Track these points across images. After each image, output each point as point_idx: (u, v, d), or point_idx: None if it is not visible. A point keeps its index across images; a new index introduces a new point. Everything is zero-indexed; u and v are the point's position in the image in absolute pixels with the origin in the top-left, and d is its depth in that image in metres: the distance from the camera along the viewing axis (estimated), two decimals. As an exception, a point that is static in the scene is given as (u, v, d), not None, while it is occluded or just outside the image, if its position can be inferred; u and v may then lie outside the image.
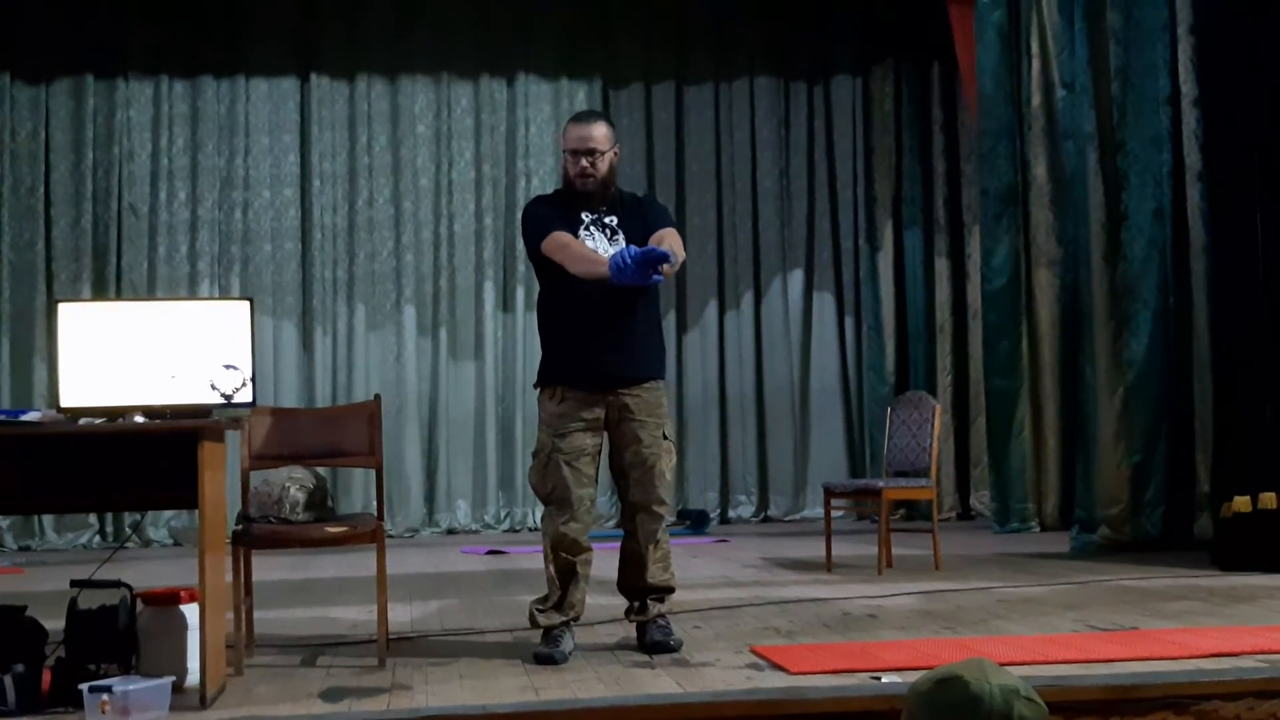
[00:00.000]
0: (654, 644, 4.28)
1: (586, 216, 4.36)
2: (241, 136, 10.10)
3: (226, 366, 3.89)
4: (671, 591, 4.45)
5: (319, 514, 4.40)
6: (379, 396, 4.76)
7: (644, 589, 4.39)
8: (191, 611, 3.79)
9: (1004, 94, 8.80)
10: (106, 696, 3.37)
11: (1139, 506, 7.30)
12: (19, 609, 3.76)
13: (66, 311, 3.98)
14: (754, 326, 10.65)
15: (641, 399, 4.32)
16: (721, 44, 10.69)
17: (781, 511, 10.47)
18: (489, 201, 10.33)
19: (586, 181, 4.35)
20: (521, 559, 7.64)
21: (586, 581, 4.35)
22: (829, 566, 6.72)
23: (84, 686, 3.43)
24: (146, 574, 6.22)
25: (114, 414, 3.81)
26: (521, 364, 10.08)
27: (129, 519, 9.33)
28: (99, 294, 9.61)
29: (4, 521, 9.30)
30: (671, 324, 10.44)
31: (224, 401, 3.87)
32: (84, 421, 3.79)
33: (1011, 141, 8.81)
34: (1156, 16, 7.34)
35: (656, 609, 4.38)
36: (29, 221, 9.75)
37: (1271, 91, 6.38)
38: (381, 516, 4.52)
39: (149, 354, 3.91)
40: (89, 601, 3.81)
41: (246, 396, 3.92)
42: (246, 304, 4.08)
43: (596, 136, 4.36)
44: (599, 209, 4.39)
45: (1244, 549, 6.22)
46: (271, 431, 4.56)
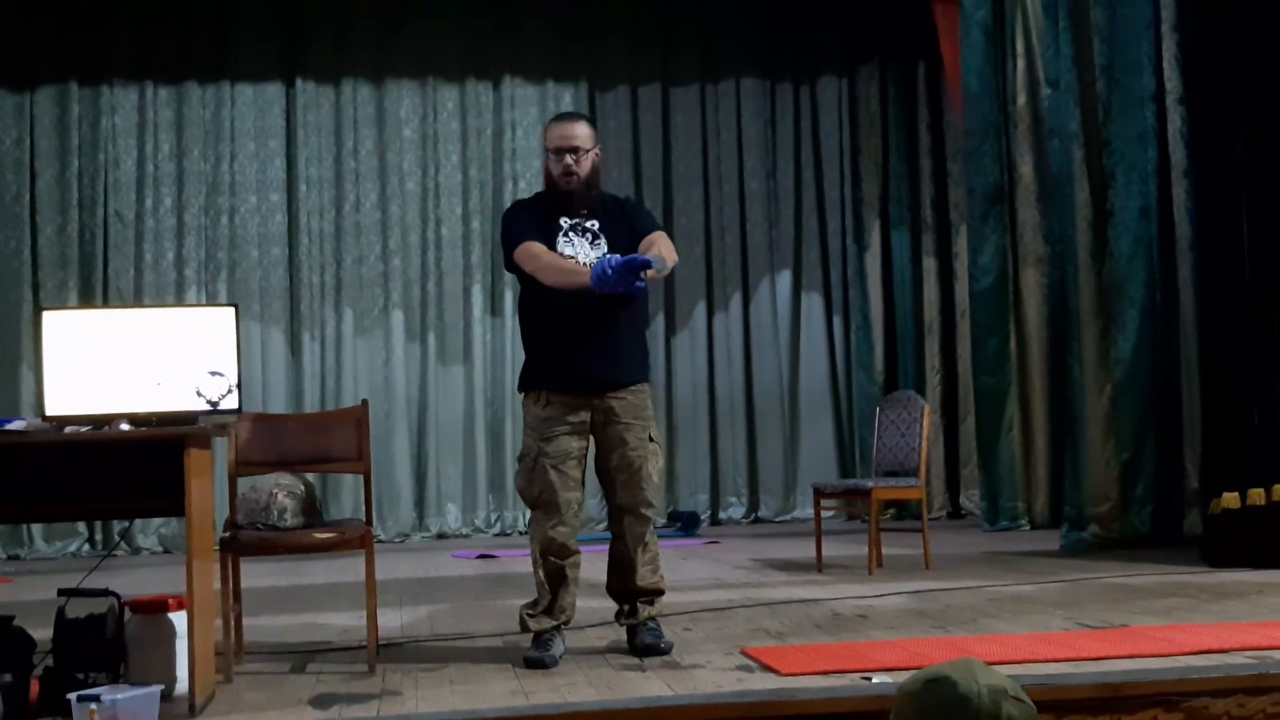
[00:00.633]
0: (644, 647, 4.27)
1: (565, 222, 4.34)
2: (227, 142, 10.07)
3: (212, 373, 3.88)
4: (661, 594, 4.44)
5: (307, 520, 4.38)
6: (366, 401, 4.75)
7: (633, 592, 4.39)
8: (180, 619, 3.78)
9: (989, 93, 8.81)
10: (95, 705, 3.36)
11: (1128, 504, 7.31)
12: (7, 618, 3.74)
13: (50, 319, 3.96)
14: (742, 328, 10.65)
15: (627, 402, 4.31)
16: (707, 45, 10.69)
17: (772, 512, 10.47)
18: (476, 205, 10.32)
19: (570, 180, 4.32)
20: (512, 563, 7.63)
21: (576, 585, 4.34)
22: (819, 567, 6.72)
23: (72, 696, 3.42)
24: (135, 582, 6.22)
25: (99, 422, 3.80)
26: (510, 367, 10.07)
27: (118, 527, 9.30)
28: (86, 301, 9.58)
29: (-8, 531, 9.27)
30: (660, 326, 10.44)
31: (210, 408, 3.86)
32: (69, 430, 3.78)
33: (997, 140, 8.83)
34: (1140, 14, 7.35)
35: (646, 612, 4.38)
36: (14, 229, 9.72)
37: (1256, 88, 6.39)
38: (370, 522, 4.51)
39: (134, 361, 3.89)
40: (77, 610, 3.80)
41: (232, 403, 3.91)
42: (231, 310, 4.06)
43: (579, 135, 4.34)
44: (579, 213, 4.36)
45: (1233, 545, 6.23)
46: (258, 437, 4.55)
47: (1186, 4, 7.02)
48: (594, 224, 4.36)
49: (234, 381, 3.91)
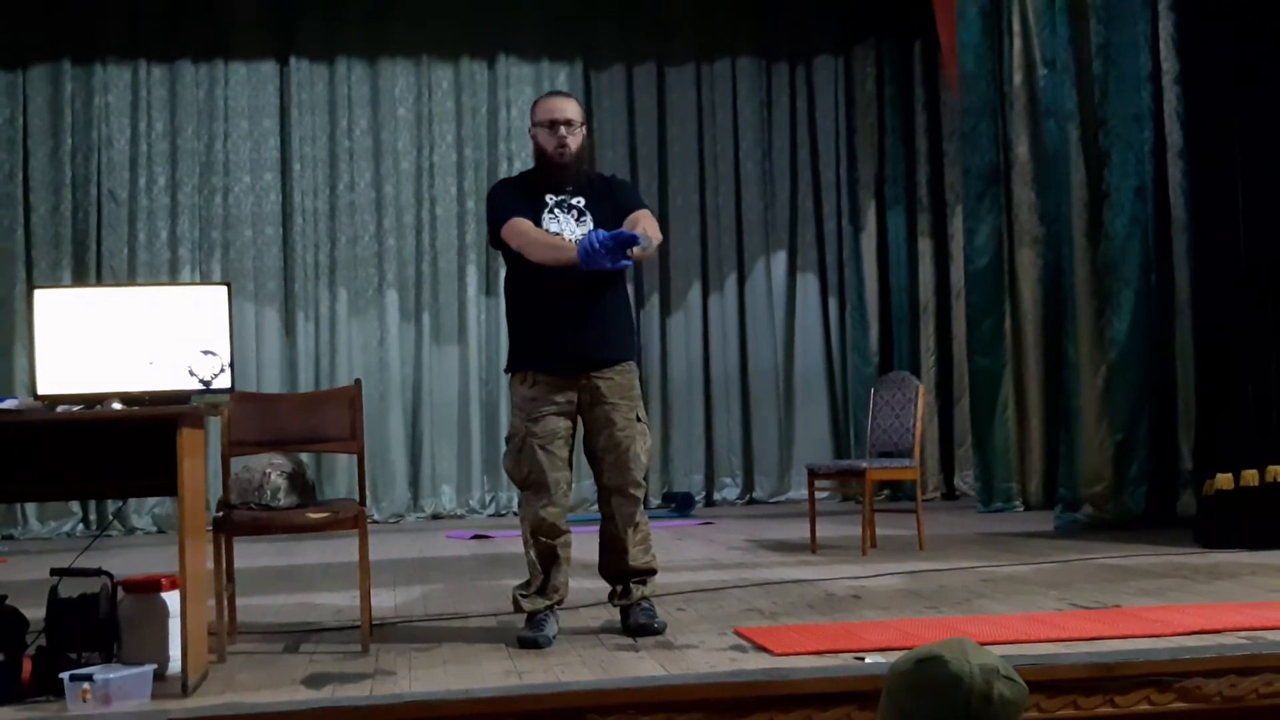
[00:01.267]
0: (638, 627, 4.27)
1: (551, 198, 4.33)
2: (221, 121, 10.03)
3: (205, 352, 3.86)
4: (653, 573, 4.44)
5: (301, 500, 4.38)
6: (359, 381, 4.74)
7: (626, 572, 4.38)
8: (173, 599, 3.77)
9: (986, 72, 8.79)
10: (87, 685, 3.36)
11: (1122, 485, 7.32)
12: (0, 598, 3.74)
13: (42, 298, 3.94)
14: (737, 308, 10.63)
15: (614, 382, 4.31)
16: (702, 25, 10.65)
17: (766, 493, 10.48)
18: (471, 184, 10.29)
19: (563, 153, 4.32)
20: (506, 543, 7.62)
21: (569, 564, 4.34)
22: (813, 548, 6.72)
23: (65, 675, 3.42)
24: (129, 561, 6.21)
25: (92, 401, 3.78)
26: (505, 347, 9.98)
27: (112, 507, 9.30)
28: (79, 280, 9.56)
29: (-14, 510, 9.26)
30: (655, 306, 10.44)
31: (203, 387, 3.85)
32: (62, 409, 3.76)
33: (993, 120, 8.81)
34: (1137, -7, 7.34)
35: (640, 592, 4.37)
36: (8, 208, 9.69)
37: (1252, 68, 6.37)
38: (363, 502, 4.50)
39: (127, 340, 3.88)
40: (70, 590, 3.79)
41: (225, 382, 3.90)
42: (224, 289, 4.05)
43: (570, 109, 4.36)
44: (565, 189, 4.36)
45: (1226, 526, 6.24)
46: (251, 417, 4.54)
47: (1183, -16, 7.01)
48: (579, 200, 4.35)
49: (226, 361, 3.90)
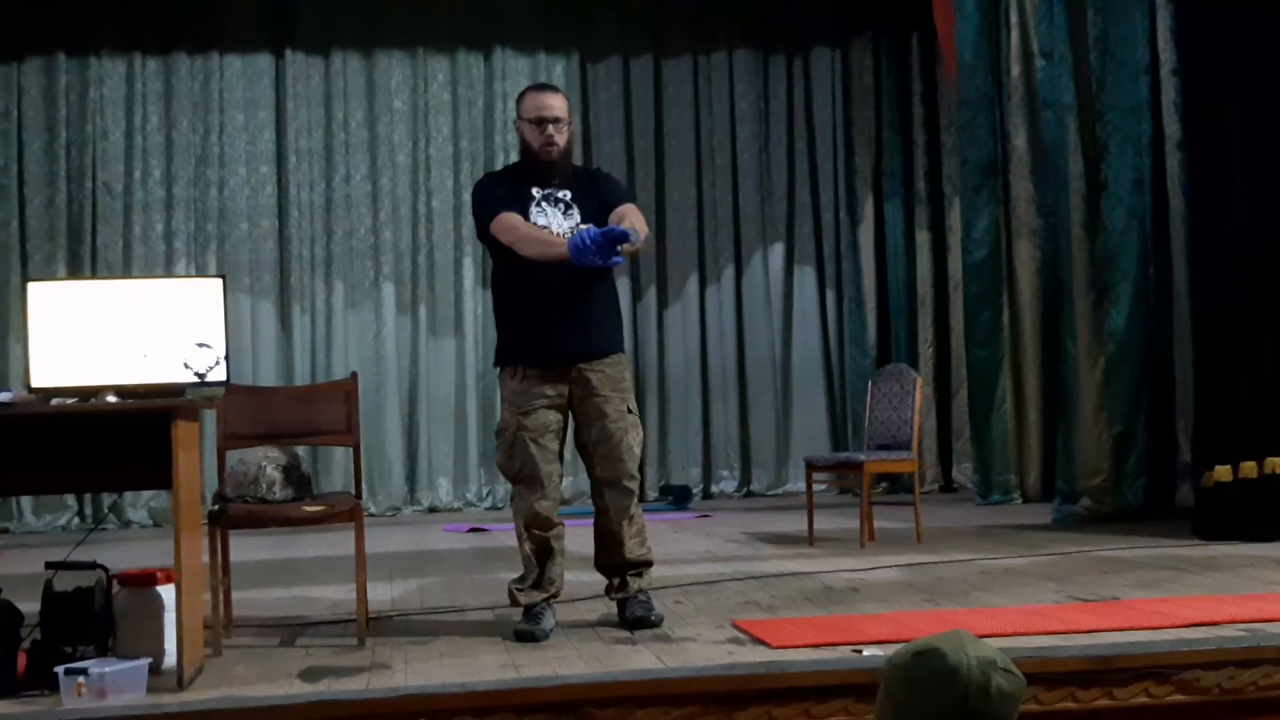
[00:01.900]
0: (635, 620, 4.26)
1: (538, 192, 4.32)
2: (216, 113, 10.00)
3: (199, 345, 3.85)
4: (650, 565, 4.43)
5: (296, 493, 4.37)
6: (355, 374, 4.73)
7: (622, 565, 4.37)
8: (168, 593, 3.76)
9: (983, 64, 8.77)
10: (83, 679, 3.35)
11: (1120, 477, 7.31)
12: (-8, 592, 3.73)
13: (36, 291, 3.94)
14: (735, 301, 10.62)
15: (604, 374, 4.30)
16: (699, 17, 10.62)
17: (764, 486, 10.47)
18: (467, 177, 10.24)
19: (551, 150, 4.31)
20: (503, 536, 7.58)
21: (563, 556, 4.33)
22: (811, 540, 6.71)
23: (60, 669, 3.41)
24: (124, 555, 6.19)
25: (86, 394, 3.77)
26: (500, 341, 10.02)
27: (107, 500, 9.28)
28: (74, 274, 9.52)
29: (-19, 504, 9.24)
30: (652, 299, 10.42)
31: (197, 380, 3.84)
32: (56, 402, 3.75)
33: (991, 112, 8.80)
34: (1134, -15, 7.32)
35: (636, 584, 4.37)
36: (2, 201, 9.66)
37: (1250, 59, 6.36)
38: (359, 495, 4.49)
39: (121, 333, 3.87)
40: (65, 583, 3.78)
41: (220, 375, 3.88)
42: (219, 281, 4.05)
43: (559, 106, 4.35)
44: (552, 183, 4.35)
45: (1225, 519, 6.24)
46: (247, 410, 4.52)
47: (1180, -25, 6.99)
48: (566, 194, 4.35)
49: (222, 353, 3.88)
